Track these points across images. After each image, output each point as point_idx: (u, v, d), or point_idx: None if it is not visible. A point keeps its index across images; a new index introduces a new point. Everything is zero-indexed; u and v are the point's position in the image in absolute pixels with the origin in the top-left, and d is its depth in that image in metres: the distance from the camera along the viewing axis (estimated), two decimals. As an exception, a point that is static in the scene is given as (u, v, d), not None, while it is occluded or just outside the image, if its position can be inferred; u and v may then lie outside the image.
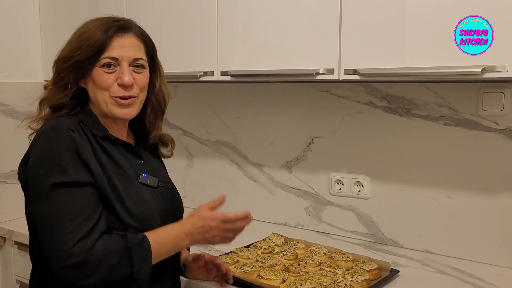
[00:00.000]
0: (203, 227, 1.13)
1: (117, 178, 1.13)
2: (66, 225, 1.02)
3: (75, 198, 1.05)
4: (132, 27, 1.19)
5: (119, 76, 1.14)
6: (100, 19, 1.17)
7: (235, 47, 1.67)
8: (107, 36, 1.13)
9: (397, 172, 1.72)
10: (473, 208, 1.59)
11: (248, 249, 1.61)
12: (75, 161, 1.06)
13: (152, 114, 1.28)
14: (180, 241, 1.13)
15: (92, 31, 1.13)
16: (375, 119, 1.74)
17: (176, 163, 2.27)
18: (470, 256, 1.60)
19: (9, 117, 2.06)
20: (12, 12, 2.14)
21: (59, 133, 1.08)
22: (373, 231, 1.80)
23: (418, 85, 1.64)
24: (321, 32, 1.47)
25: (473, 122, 1.56)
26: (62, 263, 1.01)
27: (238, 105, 2.08)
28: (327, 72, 1.46)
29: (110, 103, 1.16)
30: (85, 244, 1.02)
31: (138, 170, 1.21)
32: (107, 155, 1.15)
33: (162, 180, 1.26)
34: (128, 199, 1.12)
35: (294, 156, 1.95)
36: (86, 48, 1.12)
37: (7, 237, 2.00)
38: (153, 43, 1.25)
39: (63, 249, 1.00)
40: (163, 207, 1.22)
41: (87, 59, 1.13)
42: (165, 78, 1.30)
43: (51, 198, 1.04)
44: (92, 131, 1.15)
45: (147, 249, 1.07)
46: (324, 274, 1.41)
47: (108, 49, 1.14)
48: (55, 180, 1.04)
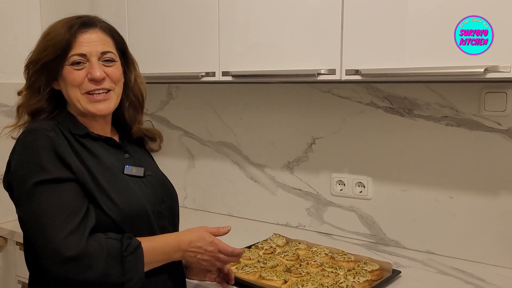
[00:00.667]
0: (200, 248, 1.15)
1: (100, 173, 1.12)
2: (53, 220, 1.01)
3: (58, 194, 1.04)
4: (97, 22, 1.19)
5: (89, 71, 1.14)
6: (65, 19, 1.17)
7: (236, 47, 1.66)
8: (71, 33, 1.13)
9: (398, 173, 1.72)
10: (475, 208, 1.59)
11: (250, 250, 1.61)
12: (53, 159, 1.06)
13: (131, 108, 1.28)
14: (173, 254, 1.14)
15: (57, 30, 1.14)
16: (376, 119, 1.74)
17: (177, 164, 2.27)
18: (472, 257, 1.59)
19: (10, 118, 2.04)
20: (13, 13, 2.13)
21: (35, 135, 1.08)
22: (374, 232, 1.79)
23: (420, 85, 1.64)
24: (322, 32, 1.47)
25: (475, 122, 1.56)
26: (54, 258, 0.99)
27: (239, 105, 2.08)
28: (328, 72, 1.45)
29: (83, 100, 1.15)
30: (77, 238, 1.01)
31: (124, 164, 1.21)
32: (88, 152, 1.15)
33: (149, 169, 1.26)
34: (113, 191, 1.11)
35: (296, 156, 1.95)
36: (52, 48, 1.12)
37: (9, 237, 2.00)
38: (122, 37, 1.24)
39: (54, 244, 0.99)
40: (153, 195, 1.21)
41: (55, 59, 1.13)
42: (139, 71, 1.30)
43: (35, 197, 1.04)
44: (70, 130, 1.15)
45: (140, 257, 1.07)
46: (325, 275, 1.41)
47: (75, 46, 1.13)
48: (36, 179, 1.04)
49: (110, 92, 1.18)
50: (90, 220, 1.06)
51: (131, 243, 1.07)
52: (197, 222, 1.41)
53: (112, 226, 1.10)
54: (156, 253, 1.12)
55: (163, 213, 1.22)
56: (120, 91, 1.22)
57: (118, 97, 1.22)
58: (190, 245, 1.15)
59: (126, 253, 1.05)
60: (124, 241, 1.07)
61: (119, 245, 1.06)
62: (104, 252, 1.03)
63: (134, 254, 1.06)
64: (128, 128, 1.30)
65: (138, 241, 1.09)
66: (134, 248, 1.07)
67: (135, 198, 1.15)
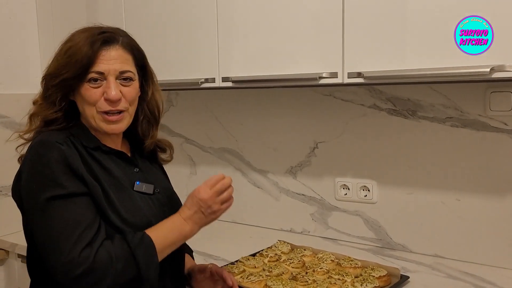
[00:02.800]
0: (196, 203, 1.14)
1: (110, 187, 1.12)
2: (68, 236, 1.01)
3: (73, 208, 1.04)
4: (119, 38, 1.17)
5: (105, 90, 1.13)
6: (87, 31, 1.15)
7: (236, 53, 1.64)
8: (93, 50, 1.11)
9: (404, 176, 1.69)
10: (482, 210, 1.56)
11: (254, 258, 1.58)
12: (67, 173, 1.06)
13: (145, 122, 1.27)
14: (182, 227, 1.13)
15: (79, 46, 1.11)
16: (380, 122, 1.72)
17: (179, 171, 2.25)
18: (481, 260, 1.57)
19: (9, 129, 2.05)
20: (10, 22, 2.12)
21: (48, 147, 1.07)
22: (380, 236, 1.77)
23: (423, 86, 1.62)
24: (323, 35, 1.45)
25: (480, 123, 1.54)
26: (69, 273, 0.99)
27: (240, 111, 2.06)
28: (330, 75, 1.43)
29: (98, 118, 1.15)
30: (89, 252, 1.01)
31: (133, 179, 1.20)
32: (100, 165, 1.15)
33: (159, 186, 1.25)
34: (122, 207, 1.11)
35: (298, 161, 1.93)
36: (74, 66, 1.10)
37: (10, 250, 1.98)
38: (142, 52, 1.23)
39: (69, 260, 0.99)
40: (160, 214, 1.19)
41: (75, 77, 1.11)
42: (158, 86, 1.29)
43: (49, 212, 1.03)
44: (82, 143, 1.14)
45: (149, 245, 1.07)
46: (332, 282, 1.38)
47: (94, 63, 1.12)
48: (50, 194, 1.03)
49: (124, 113, 1.17)
50: (102, 232, 1.07)
51: (135, 235, 1.08)
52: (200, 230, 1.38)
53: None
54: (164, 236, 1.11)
55: None
56: (133, 110, 1.21)
57: (131, 116, 1.21)
58: (189, 209, 1.14)
59: (133, 245, 1.05)
60: (128, 235, 1.07)
61: (125, 242, 1.06)
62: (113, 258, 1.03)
63: (142, 243, 1.06)
64: (140, 141, 1.28)
65: (142, 232, 1.09)
66: (140, 238, 1.07)
67: (142, 215, 1.14)
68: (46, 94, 1.15)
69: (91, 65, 1.11)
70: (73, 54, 1.11)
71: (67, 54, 1.12)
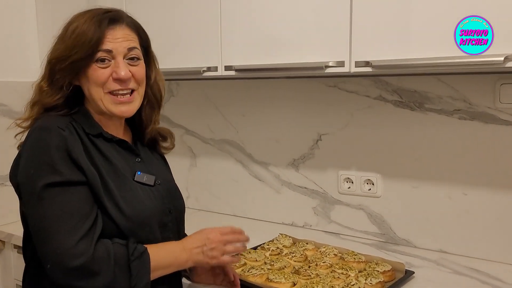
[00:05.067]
0: (202, 240, 1.14)
1: (110, 177, 1.09)
2: (63, 225, 0.98)
3: (69, 197, 1.01)
4: (124, 17, 1.14)
5: (114, 70, 1.10)
6: (90, 12, 1.11)
7: (239, 40, 1.60)
8: (101, 30, 1.08)
9: (409, 169, 1.66)
10: (489, 205, 1.53)
11: (256, 251, 1.55)
12: (66, 160, 1.02)
13: (148, 107, 1.24)
14: (179, 255, 1.11)
15: (85, 26, 1.08)
16: (385, 114, 1.68)
17: (179, 162, 2.21)
18: (487, 256, 1.54)
19: (6, 117, 2.01)
20: (8, 10, 2.08)
21: (49, 133, 1.04)
22: (384, 231, 1.73)
23: (430, 77, 1.58)
24: (330, 22, 1.40)
25: (489, 115, 1.50)
26: (64, 264, 0.97)
27: (242, 102, 2.02)
28: (337, 64, 1.39)
29: (107, 100, 1.11)
30: (88, 244, 0.98)
31: (135, 168, 1.17)
32: (100, 153, 1.11)
33: (160, 177, 1.21)
34: (122, 198, 1.08)
35: (301, 154, 1.89)
36: (82, 47, 1.07)
37: (7, 240, 1.95)
38: (146, 34, 1.20)
39: (64, 250, 0.97)
40: (160, 206, 1.17)
41: (84, 58, 1.07)
42: (160, 70, 1.26)
43: (45, 199, 1.00)
44: (84, 129, 1.11)
45: (146, 262, 1.05)
46: (336, 277, 1.35)
47: (103, 42, 1.08)
48: (48, 181, 1.00)
49: (134, 93, 1.14)
50: (99, 226, 1.04)
51: (137, 248, 1.05)
52: (200, 222, 1.36)
53: (116, 233, 1.07)
54: (161, 256, 1.09)
55: (168, 225, 1.19)
56: (143, 91, 1.18)
57: (141, 98, 1.18)
58: (193, 241, 1.14)
59: (132, 257, 1.03)
60: (130, 246, 1.05)
61: (126, 250, 1.03)
62: (111, 259, 1.01)
63: (141, 258, 1.04)
64: (142, 128, 1.25)
65: (144, 247, 1.07)
66: (141, 253, 1.05)
67: (142, 208, 1.11)
68: (53, 78, 1.10)
69: (99, 44, 1.08)
70: (81, 34, 1.07)
71: (74, 34, 1.08)
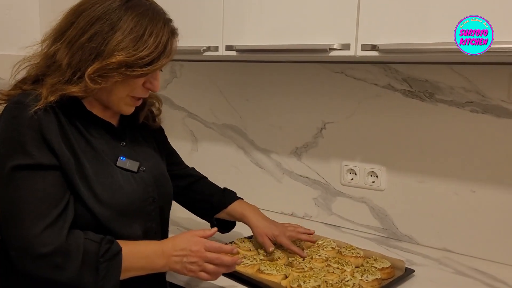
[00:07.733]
0: (184, 249, 1.04)
1: (89, 161, 1.02)
2: (30, 212, 0.93)
3: (38, 182, 0.95)
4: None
5: (150, 80, 1.08)
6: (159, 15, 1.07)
7: (242, 20, 1.52)
8: (171, 44, 1.07)
9: (415, 163, 1.59)
10: (499, 204, 1.45)
11: (250, 240, 1.49)
12: (38, 141, 0.96)
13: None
14: (156, 259, 1.03)
15: (165, 39, 1.04)
16: (394, 103, 1.60)
17: (180, 147, 2.15)
18: (493, 257, 1.47)
19: (5, 92, 1.98)
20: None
21: (23, 110, 0.96)
22: (386, 226, 1.67)
23: (443, 66, 1.50)
24: (336, 3, 1.32)
25: (503, 109, 1.42)
26: (27, 252, 0.92)
27: (246, 86, 1.95)
28: (342, 47, 1.31)
29: (125, 102, 1.08)
30: (54, 233, 0.93)
31: (118, 153, 1.10)
32: (81, 135, 1.04)
33: (146, 164, 1.15)
34: (99, 184, 1.01)
35: (304, 142, 1.82)
36: (155, 50, 1.02)
37: None
38: None
39: (29, 238, 0.92)
40: (143, 193, 1.10)
41: (149, 63, 1.02)
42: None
43: (12, 182, 0.94)
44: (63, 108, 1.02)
45: (117, 264, 0.98)
46: (331, 271, 1.28)
47: (168, 57, 1.06)
48: (17, 162, 0.94)
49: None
50: (69, 213, 0.98)
51: (110, 248, 0.98)
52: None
53: (92, 223, 1.01)
54: (136, 257, 1.02)
55: (151, 214, 1.13)
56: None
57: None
58: (174, 248, 1.04)
59: (102, 259, 0.96)
60: (103, 245, 0.97)
61: (97, 248, 0.97)
62: (80, 254, 0.95)
63: (112, 261, 0.97)
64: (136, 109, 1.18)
65: (119, 247, 0.99)
66: (113, 255, 0.98)
67: (121, 195, 1.05)
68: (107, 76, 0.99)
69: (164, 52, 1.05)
70: (160, 43, 1.03)
71: (156, 43, 1.02)
